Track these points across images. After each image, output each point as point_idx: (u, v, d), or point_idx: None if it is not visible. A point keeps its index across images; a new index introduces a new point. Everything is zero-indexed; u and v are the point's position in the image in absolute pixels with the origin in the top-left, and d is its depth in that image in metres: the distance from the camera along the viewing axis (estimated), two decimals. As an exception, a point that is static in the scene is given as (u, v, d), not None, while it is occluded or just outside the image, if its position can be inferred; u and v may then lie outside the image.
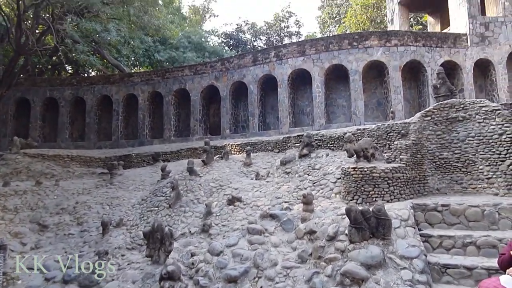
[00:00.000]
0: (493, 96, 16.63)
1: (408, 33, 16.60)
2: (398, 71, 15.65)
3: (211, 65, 19.00)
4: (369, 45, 15.77)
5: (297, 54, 16.60)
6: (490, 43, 16.52)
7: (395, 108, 15.30)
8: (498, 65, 16.42)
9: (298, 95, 17.68)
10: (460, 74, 16.41)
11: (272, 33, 42.42)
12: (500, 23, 16.61)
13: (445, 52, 16.27)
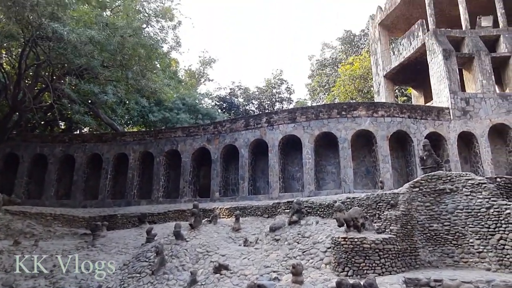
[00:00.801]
0: (478, 168, 17.06)
1: (394, 105, 17.40)
2: (386, 141, 16.12)
3: (204, 127, 19.38)
4: (357, 115, 16.40)
5: (288, 120, 17.12)
6: (471, 117, 17.34)
7: (383, 176, 15.51)
8: (480, 138, 17.08)
9: (289, 160, 17.90)
10: (445, 145, 16.96)
11: (264, 98, 44.05)
12: (480, 99, 17.59)
13: (430, 124, 16.96)
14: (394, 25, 24.38)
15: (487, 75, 18.06)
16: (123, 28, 15.64)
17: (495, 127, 17.40)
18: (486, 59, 18.23)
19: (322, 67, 44.33)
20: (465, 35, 19.13)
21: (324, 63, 44.74)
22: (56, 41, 13.93)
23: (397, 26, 24.32)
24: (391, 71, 22.99)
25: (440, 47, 18.24)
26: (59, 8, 14.01)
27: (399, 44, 22.30)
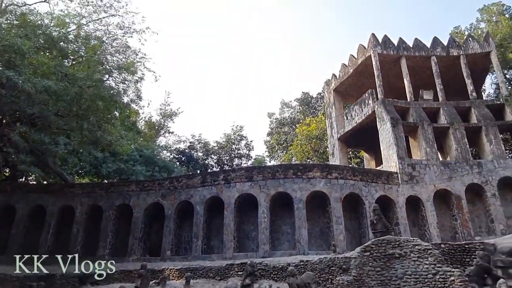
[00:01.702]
0: (425, 231, 17.76)
1: (347, 167, 18.14)
2: (339, 202, 16.53)
3: (159, 182, 18.92)
4: (312, 176, 16.84)
5: (245, 179, 17.19)
6: (418, 182, 18.37)
7: (337, 238, 15.67)
8: (426, 202, 17.99)
9: (244, 219, 17.70)
10: (395, 208, 17.65)
11: (224, 153, 44.23)
12: (424, 165, 18.81)
13: (380, 187, 17.72)
14: (347, 92, 26.19)
15: (430, 143, 19.52)
16: (82, 79, 15.48)
17: (439, 192, 18.47)
18: (428, 129, 19.82)
19: (280, 126, 45.88)
20: (410, 106, 20.86)
21: (283, 122, 46.39)
22: (9, 89, 13.47)
23: (350, 93, 26.13)
24: (345, 134, 24.24)
25: (388, 116, 19.67)
26: (17, 56, 13.75)
27: (352, 110, 23.80)
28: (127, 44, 20.70)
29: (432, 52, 22.44)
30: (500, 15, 25.45)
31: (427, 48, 22.59)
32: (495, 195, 18.28)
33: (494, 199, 18.23)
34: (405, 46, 22.58)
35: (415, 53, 22.39)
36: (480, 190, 18.70)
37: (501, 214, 18.01)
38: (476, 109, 20.83)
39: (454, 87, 22.89)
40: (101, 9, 20.00)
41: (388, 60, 22.44)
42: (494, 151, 19.46)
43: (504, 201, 18.66)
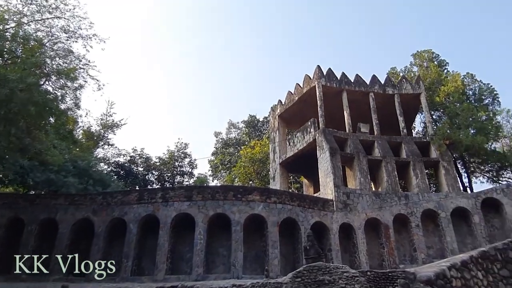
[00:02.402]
0: (355, 258, 18.52)
1: (286, 192, 18.56)
2: (276, 227, 16.75)
3: (91, 197, 17.90)
4: (251, 199, 16.96)
5: (184, 198, 16.86)
6: (351, 210, 19.25)
7: (271, 262, 15.79)
8: (358, 230, 18.85)
9: (180, 240, 17.21)
10: (329, 235, 18.26)
11: (166, 170, 43.07)
12: (358, 194, 19.81)
13: (316, 213, 18.29)
14: (292, 118, 27.10)
15: (364, 174, 20.68)
16: (15, 81, 14.41)
17: (370, 221, 19.46)
18: (364, 160, 21.03)
19: (226, 146, 45.94)
20: (348, 137, 22.06)
21: (228, 142, 46.53)
22: None
23: (294, 120, 27.06)
24: (287, 159, 24.89)
25: (327, 145, 20.60)
26: None
27: (295, 136, 24.61)
28: (71, 49, 19.74)
29: (370, 88, 24.13)
30: (430, 61, 28.20)
31: (366, 85, 24.25)
32: (419, 226, 19.63)
33: (418, 230, 19.56)
34: (347, 81, 24.06)
35: (355, 88, 23.92)
36: (406, 220, 20.00)
37: (423, 244, 19.35)
38: (406, 145, 22.56)
39: (388, 122, 24.65)
40: (45, 10, 18.97)
41: (331, 92, 23.70)
42: (420, 184, 21.07)
43: (426, 232, 20.08)
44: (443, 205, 20.12)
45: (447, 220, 19.76)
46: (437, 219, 20.09)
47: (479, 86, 26.62)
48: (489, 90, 26.16)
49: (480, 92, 26.39)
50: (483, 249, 15.15)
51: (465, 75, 27.05)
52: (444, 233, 19.52)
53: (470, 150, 23.52)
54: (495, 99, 26.06)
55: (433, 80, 26.49)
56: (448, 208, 20.04)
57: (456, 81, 25.77)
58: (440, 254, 19.07)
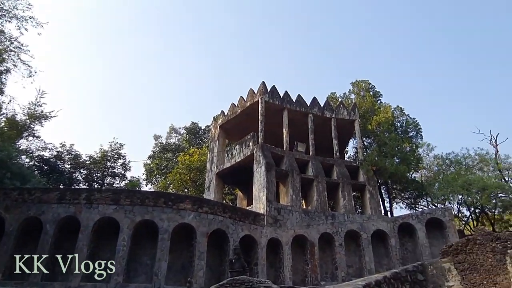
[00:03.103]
0: (280, 273, 18.87)
1: (219, 203, 18.50)
2: (205, 238, 16.56)
3: (5, 191, 16.35)
4: (182, 208, 16.63)
5: (111, 201, 16.04)
6: (281, 225, 19.67)
7: (196, 274, 15.52)
8: (285, 246, 19.28)
9: (101, 245, 16.26)
10: (257, 249, 18.43)
11: (96, 169, 40.71)
12: (288, 211, 20.34)
13: (247, 227, 18.41)
14: (233, 130, 27.24)
15: (297, 191, 21.33)
16: None
17: (297, 238, 20.02)
18: (297, 178, 21.71)
19: (164, 151, 44.70)
20: (284, 155, 22.67)
21: (167, 147, 45.34)
22: None
23: (235, 132, 27.23)
24: (223, 170, 24.87)
25: (264, 160, 20.98)
26: None
27: (234, 148, 24.74)
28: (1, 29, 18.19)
29: (310, 110, 25.15)
30: (366, 91, 30.20)
31: (306, 106, 25.25)
32: (342, 245, 20.61)
33: (341, 249, 20.52)
34: (289, 100, 24.85)
35: (296, 107, 24.78)
36: (331, 239, 20.89)
37: (344, 262, 20.31)
38: (338, 167, 23.73)
39: (324, 144, 25.77)
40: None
41: (273, 109, 24.29)
42: (346, 206, 22.22)
43: (348, 251, 21.14)
44: (365, 226, 21.37)
45: (368, 241, 21.00)
46: (359, 240, 21.25)
47: (406, 120, 28.99)
48: (414, 124, 28.59)
49: (406, 125, 28.73)
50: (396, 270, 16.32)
51: (395, 108, 29.33)
52: (364, 253, 20.68)
53: (393, 177, 25.41)
54: (418, 133, 28.53)
55: (367, 109, 28.33)
56: (370, 230, 21.33)
57: (387, 112, 27.81)
58: (359, 273, 20.14)
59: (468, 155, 28.41)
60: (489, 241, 15.25)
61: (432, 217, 21.46)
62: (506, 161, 27.42)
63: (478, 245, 15.43)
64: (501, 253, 14.69)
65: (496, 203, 25.11)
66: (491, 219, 28.65)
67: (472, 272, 15.52)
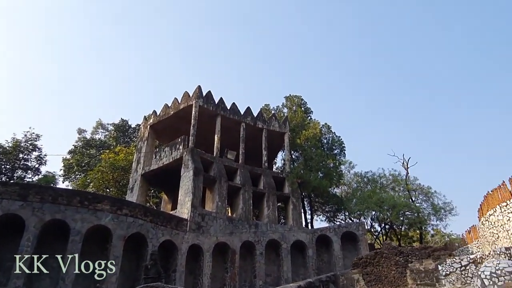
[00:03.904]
0: (199, 281, 18.61)
1: (140, 206, 17.74)
2: (122, 241, 15.74)
3: None
4: (100, 208, 15.66)
5: (17, 197, 14.50)
6: (203, 232, 19.46)
7: (108, 279, 14.64)
8: (206, 253, 19.09)
9: (2, 244, 14.63)
10: (177, 255, 17.98)
11: (5, 160, 36.71)
12: (213, 218, 20.21)
13: (168, 232, 17.90)
14: (164, 131, 26.50)
15: (223, 198, 21.33)
16: None
17: (219, 245, 19.98)
18: (224, 185, 21.72)
19: (87, 146, 41.89)
20: (214, 161, 22.58)
21: (91, 143, 42.57)
22: None
23: (166, 133, 26.52)
24: (150, 172, 24.01)
25: (193, 164, 20.68)
26: None
27: (163, 150, 24.04)
28: None
29: (243, 119, 25.44)
30: (298, 106, 31.46)
31: (240, 114, 25.51)
32: (262, 254, 21.00)
33: (261, 257, 20.89)
34: (223, 107, 24.90)
35: (230, 115, 24.90)
36: (252, 248, 21.19)
37: (263, 271, 20.70)
38: (265, 177, 24.24)
39: (254, 154, 26.17)
40: None
41: (207, 114, 24.13)
42: (270, 215, 22.73)
43: (268, 260, 21.59)
44: (286, 236, 22.05)
45: (287, 251, 21.68)
46: (279, 249, 21.86)
47: (332, 137, 30.67)
48: (339, 142, 30.37)
49: (332, 142, 30.40)
50: (310, 280, 17.02)
51: (323, 125, 30.90)
52: (283, 263, 21.30)
53: (316, 191, 26.62)
54: (342, 151, 30.34)
55: (298, 123, 29.45)
56: (290, 240, 22.05)
57: (316, 128, 29.19)
58: (276, 282, 20.66)
59: (383, 175, 30.83)
60: (393, 254, 16.64)
61: (348, 230, 22.87)
62: (414, 182, 30.23)
63: (384, 258, 16.76)
64: (403, 266, 16.12)
65: (403, 220, 27.50)
66: (398, 234, 31.30)
67: (377, 283, 16.78)
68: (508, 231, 16.11)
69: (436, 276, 14.46)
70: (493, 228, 17.46)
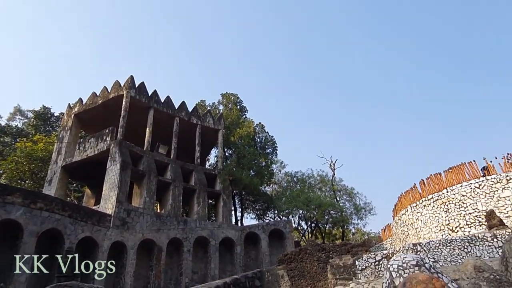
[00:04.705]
0: (120, 279, 17.76)
1: (57, 200, 16.44)
2: (34, 237, 14.45)
3: None
4: (10, 201, 14.20)
5: None
6: (128, 228, 18.61)
7: (17, 278, 13.36)
8: (130, 250, 18.28)
9: None
10: (97, 252, 16.97)
11: None
12: (140, 213, 19.43)
13: (89, 228, 16.82)
14: (90, 121, 24.87)
15: (151, 194, 20.60)
16: None
17: (145, 242, 19.25)
18: (154, 180, 21.01)
19: (1, 134, 37.84)
20: (144, 155, 21.73)
21: (6, 130, 38.53)
22: None
23: (92, 124, 24.91)
24: (72, 164, 22.37)
25: (120, 158, 19.69)
26: None
27: (87, 141, 22.54)
28: None
29: (177, 113, 24.84)
30: (234, 104, 31.53)
31: (174, 108, 24.86)
32: (190, 251, 20.68)
33: (188, 255, 20.56)
34: (157, 99, 24.06)
35: (163, 109, 24.15)
36: (180, 245, 20.76)
37: (190, 268, 20.39)
38: (197, 174, 23.91)
39: (187, 149, 25.69)
40: None
41: (139, 106, 23.13)
42: (199, 212, 22.48)
43: (196, 257, 21.33)
44: (215, 234, 21.97)
45: (215, 248, 21.62)
46: (207, 247, 21.71)
47: (265, 137, 31.23)
48: (272, 142, 31.03)
49: (265, 141, 30.96)
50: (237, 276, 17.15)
51: (257, 124, 31.34)
52: (210, 260, 21.20)
53: (247, 188, 26.93)
54: (274, 150, 31.05)
55: (232, 121, 29.52)
56: (219, 237, 22.02)
57: (250, 127, 29.51)
58: (203, 280, 20.48)
59: (312, 175, 32.21)
60: (316, 251, 17.44)
61: (275, 228, 23.47)
62: (339, 183, 32.03)
63: (308, 255, 17.48)
64: (324, 262, 16.95)
65: (328, 219, 28.97)
66: (323, 232, 32.91)
67: (300, 278, 17.45)
68: (416, 229, 17.76)
69: (354, 270, 15.40)
70: (404, 226, 19.12)
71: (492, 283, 6.97)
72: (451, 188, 16.67)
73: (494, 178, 15.45)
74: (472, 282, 7.51)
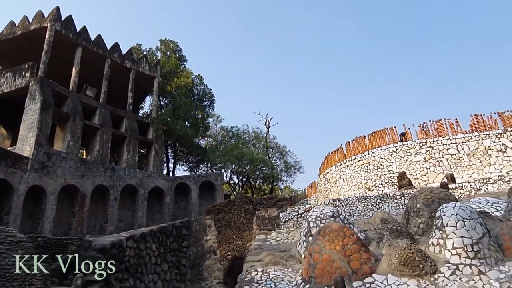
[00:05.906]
0: (38, 225, 16.92)
1: (-36, 137, 14.80)
2: None
3: None
4: None
5: None
6: (49, 173, 17.51)
7: None
8: (50, 196, 17.33)
9: None
10: (12, 196, 15.84)
11: None
12: (62, 158, 18.30)
13: (2, 169, 15.50)
14: (7, 54, 22.17)
15: (76, 138, 19.39)
16: None
17: (67, 188, 18.35)
18: (79, 124, 19.71)
19: None
20: (69, 95, 20.11)
21: None
22: None
23: (10, 56, 22.26)
24: (-17, 100, 20.04)
25: (41, 96, 18.04)
26: None
27: (3, 75, 20.22)
28: None
29: (109, 54, 23.09)
30: (172, 52, 30.03)
31: (106, 49, 23.04)
32: (116, 199, 20.21)
33: (114, 203, 20.10)
34: (86, 37, 22.03)
35: (93, 48, 22.25)
36: (106, 192, 20.15)
37: (116, 216, 20.03)
38: (128, 121, 22.88)
39: (119, 94, 24.23)
40: None
41: (65, 42, 21.03)
42: (129, 160, 21.80)
43: (123, 206, 20.92)
44: (144, 183, 21.62)
45: (144, 197, 21.37)
46: (136, 195, 21.36)
47: (203, 89, 30.53)
48: (209, 95, 30.47)
49: (203, 94, 30.31)
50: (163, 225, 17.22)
51: (196, 76, 30.42)
52: (138, 209, 20.97)
53: (181, 139, 26.53)
54: (212, 104, 30.62)
55: (170, 70, 28.29)
56: (148, 187, 21.73)
57: (188, 78, 28.57)
58: (129, 227, 20.29)
59: (247, 131, 32.58)
60: (244, 203, 18.06)
61: (207, 180, 23.70)
62: (273, 141, 32.93)
63: (236, 206, 18.05)
64: (251, 214, 17.66)
65: (259, 175, 29.92)
66: (253, 187, 34.04)
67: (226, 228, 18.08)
68: (338, 187, 19.11)
69: (278, 222, 16.32)
70: (327, 183, 20.46)
71: (393, 233, 7.81)
72: (372, 151, 18.01)
73: (409, 143, 16.95)
74: (377, 232, 8.34)
